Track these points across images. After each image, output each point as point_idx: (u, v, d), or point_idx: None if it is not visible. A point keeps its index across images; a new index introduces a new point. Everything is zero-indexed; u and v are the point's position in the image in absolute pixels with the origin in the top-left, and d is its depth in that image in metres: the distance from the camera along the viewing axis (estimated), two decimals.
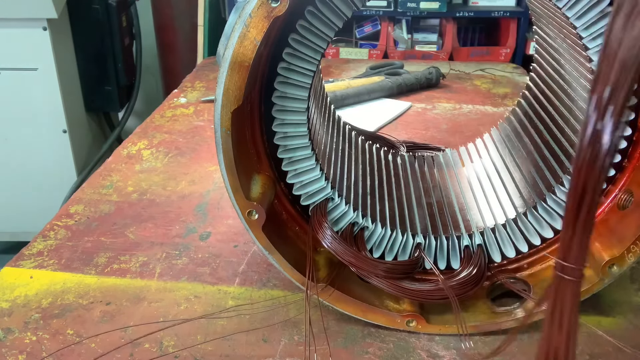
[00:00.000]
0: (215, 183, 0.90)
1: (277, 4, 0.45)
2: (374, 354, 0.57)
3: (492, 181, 0.68)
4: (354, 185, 0.64)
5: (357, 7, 0.49)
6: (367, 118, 1.16)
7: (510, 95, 1.33)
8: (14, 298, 0.65)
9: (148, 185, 0.89)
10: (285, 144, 0.56)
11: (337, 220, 0.59)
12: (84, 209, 0.82)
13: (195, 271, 0.69)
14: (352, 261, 0.56)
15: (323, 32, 0.50)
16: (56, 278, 0.68)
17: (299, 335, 0.59)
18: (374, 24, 2.38)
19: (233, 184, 0.52)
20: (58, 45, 1.71)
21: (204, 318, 0.61)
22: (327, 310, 0.61)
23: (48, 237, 0.76)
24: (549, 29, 0.63)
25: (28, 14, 1.60)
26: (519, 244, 0.59)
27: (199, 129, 1.12)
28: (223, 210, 0.82)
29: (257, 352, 0.57)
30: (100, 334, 0.59)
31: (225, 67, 0.47)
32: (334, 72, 1.49)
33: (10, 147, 1.79)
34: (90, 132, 1.98)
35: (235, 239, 0.75)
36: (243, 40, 0.46)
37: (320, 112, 0.68)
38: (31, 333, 0.59)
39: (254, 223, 0.54)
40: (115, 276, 0.68)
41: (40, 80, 1.70)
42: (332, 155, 0.64)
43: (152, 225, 0.79)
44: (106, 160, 0.99)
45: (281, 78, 0.52)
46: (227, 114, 0.49)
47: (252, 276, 0.68)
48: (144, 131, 1.10)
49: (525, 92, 0.74)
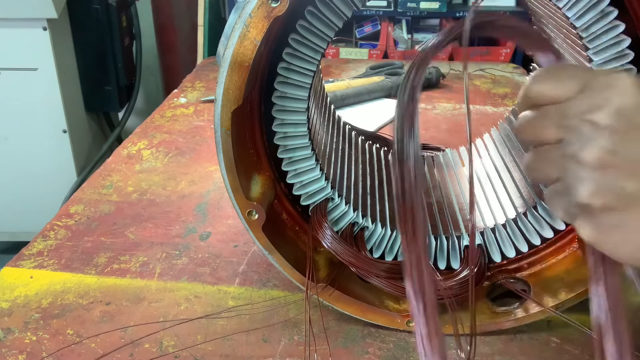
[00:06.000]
0: (215, 183, 0.90)
1: (277, 4, 0.45)
2: (374, 354, 0.57)
3: (492, 181, 0.68)
4: (354, 185, 0.64)
5: (357, 7, 0.49)
6: (367, 118, 1.16)
7: (510, 95, 1.33)
8: (14, 298, 0.65)
9: (148, 185, 0.89)
10: (285, 144, 0.56)
11: (337, 220, 0.59)
12: (84, 209, 0.82)
13: (195, 271, 0.69)
14: (352, 261, 0.56)
15: (323, 32, 0.50)
16: (56, 278, 0.68)
17: (299, 335, 0.59)
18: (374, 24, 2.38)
19: (233, 184, 0.52)
20: (58, 45, 1.70)
21: (204, 318, 0.61)
22: (327, 310, 0.61)
23: (48, 237, 0.76)
24: (549, 29, 0.63)
25: (28, 14, 1.60)
26: (519, 244, 0.59)
27: (199, 129, 1.12)
28: (223, 210, 0.82)
29: (257, 352, 0.57)
30: (100, 334, 0.59)
31: (225, 67, 0.47)
32: (334, 72, 1.49)
33: (10, 147, 1.79)
34: (90, 132, 1.98)
35: (235, 239, 0.75)
36: (243, 40, 0.46)
37: (320, 112, 0.68)
38: (31, 333, 0.59)
39: (254, 223, 0.54)
40: (115, 276, 0.68)
41: (40, 80, 1.70)
42: (332, 155, 0.64)
43: (152, 225, 0.79)
44: (106, 160, 0.99)
45: (281, 78, 0.52)
46: (227, 114, 0.49)
47: (252, 276, 0.68)
48: (144, 131, 1.10)
49: None
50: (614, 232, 0.33)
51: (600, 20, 0.47)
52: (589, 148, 0.33)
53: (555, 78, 0.36)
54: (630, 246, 0.33)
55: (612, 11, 0.46)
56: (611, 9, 0.46)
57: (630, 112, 0.32)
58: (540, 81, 0.36)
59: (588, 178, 0.33)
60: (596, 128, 0.33)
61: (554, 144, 0.36)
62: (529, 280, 0.59)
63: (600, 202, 0.33)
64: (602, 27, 0.47)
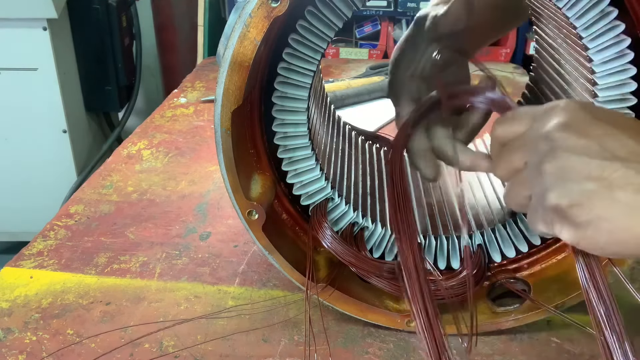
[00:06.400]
0: (215, 183, 0.90)
1: (277, 4, 0.45)
2: (374, 354, 0.57)
3: (492, 181, 0.68)
4: (354, 185, 0.64)
5: (357, 7, 0.49)
6: (367, 118, 1.16)
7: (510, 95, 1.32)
8: (14, 298, 0.65)
9: (148, 185, 0.89)
10: (285, 144, 0.56)
11: (337, 220, 0.59)
12: (84, 209, 0.82)
13: (195, 271, 0.69)
14: (352, 261, 0.56)
15: (323, 32, 0.50)
16: (56, 278, 0.68)
17: (299, 335, 0.59)
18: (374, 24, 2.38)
19: (233, 184, 0.52)
20: (58, 45, 1.70)
21: (204, 318, 0.61)
22: (327, 310, 0.61)
23: (48, 237, 0.76)
24: (549, 29, 0.63)
25: (28, 14, 1.60)
26: (519, 244, 0.59)
27: (199, 129, 1.12)
28: (223, 210, 0.82)
29: (257, 352, 0.57)
30: (100, 334, 0.59)
31: (225, 67, 0.47)
32: (334, 72, 1.49)
33: (10, 147, 1.79)
34: (90, 132, 1.98)
35: (235, 239, 0.75)
36: (243, 40, 0.46)
37: (320, 112, 0.68)
38: (31, 333, 0.59)
39: (254, 223, 0.54)
40: (115, 276, 0.68)
41: (40, 80, 1.70)
42: (332, 155, 0.64)
43: (152, 225, 0.79)
44: (106, 160, 0.99)
45: (281, 78, 0.52)
46: (227, 114, 0.49)
47: (252, 276, 0.68)
48: (144, 131, 1.10)
49: (525, 92, 0.74)
50: (586, 227, 0.37)
51: (600, 20, 0.47)
52: (547, 159, 0.39)
53: (512, 118, 0.45)
54: (603, 237, 0.37)
55: (612, 11, 0.46)
56: (611, 9, 0.46)
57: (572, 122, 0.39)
58: (502, 123, 0.45)
59: (552, 184, 0.38)
60: (549, 141, 0.39)
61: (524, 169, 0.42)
62: (529, 280, 0.59)
63: (566, 201, 0.37)
64: (602, 27, 0.47)
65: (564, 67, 0.60)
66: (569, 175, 0.38)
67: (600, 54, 0.48)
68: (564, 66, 0.60)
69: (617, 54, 0.48)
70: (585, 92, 0.53)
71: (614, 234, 0.37)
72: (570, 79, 0.58)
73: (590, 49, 0.48)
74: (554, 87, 0.64)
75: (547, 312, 0.57)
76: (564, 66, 0.60)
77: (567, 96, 0.59)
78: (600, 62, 0.49)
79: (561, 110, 0.40)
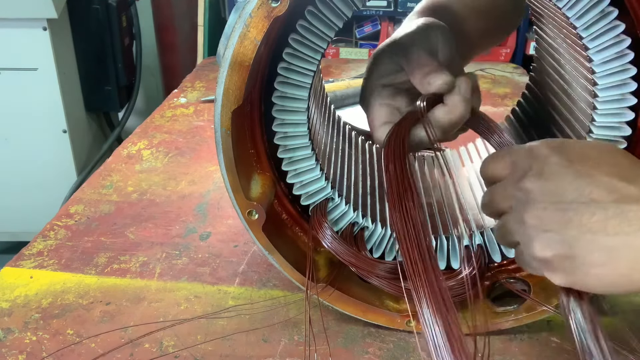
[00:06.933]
0: (215, 183, 0.90)
1: (277, 4, 0.45)
2: (374, 354, 0.57)
3: None
4: (354, 185, 0.64)
5: (357, 7, 0.49)
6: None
7: (510, 95, 1.33)
8: (14, 298, 0.65)
9: (148, 185, 0.89)
10: (285, 143, 0.56)
11: (337, 220, 0.59)
12: (84, 209, 0.82)
13: (195, 271, 0.69)
14: (352, 261, 0.56)
15: (323, 32, 0.50)
16: (56, 278, 0.68)
17: (299, 335, 0.59)
18: (374, 24, 2.38)
19: (233, 184, 0.52)
20: (58, 45, 1.71)
21: (204, 318, 0.61)
22: (327, 310, 0.61)
23: (48, 237, 0.76)
24: (549, 29, 0.63)
25: (28, 14, 1.60)
26: None
27: (199, 129, 1.12)
28: (223, 210, 0.82)
29: (257, 352, 0.57)
30: (100, 334, 0.59)
31: (225, 67, 0.47)
32: (334, 72, 1.49)
33: (10, 147, 1.79)
34: (90, 132, 1.98)
35: (235, 239, 0.75)
36: (243, 40, 0.46)
37: (320, 112, 0.68)
38: (31, 333, 0.59)
39: (254, 223, 0.54)
40: (115, 276, 0.68)
41: (40, 80, 1.70)
42: (332, 155, 0.64)
43: (152, 225, 0.79)
44: (106, 160, 0.99)
45: (281, 78, 0.52)
46: (227, 114, 0.49)
47: (252, 276, 0.68)
48: (144, 131, 1.11)
49: (525, 92, 0.74)
50: (575, 273, 0.38)
51: (600, 20, 0.47)
52: (525, 209, 0.39)
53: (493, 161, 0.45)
54: (592, 281, 0.37)
55: (612, 11, 0.46)
56: (611, 9, 0.46)
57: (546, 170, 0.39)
58: (485, 165, 0.46)
59: (534, 235, 0.39)
60: (528, 193, 0.39)
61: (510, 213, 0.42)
62: (529, 280, 0.59)
63: (550, 253, 0.38)
64: (602, 27, 0.47)
65: (564, 67, 0.60)
66: (548, 225, 0.38)
67: (600, 54, 0.48)
68: (564, 66, 0.60)
69: (617, 54, 0.48)
70: (585, 92, 0.53)
71: (603, 277, 0.37)
72: (570, 79, 0.58)
73: (591, 49, 0.48)
74: (554, 87, 0.64)
75: (547, 312, 0.57)
76: (564, 66, 0.60)
77: (567, 96, 0.59)
78: (600, 62, 0.49)
79: (535, 158, 0.40)
